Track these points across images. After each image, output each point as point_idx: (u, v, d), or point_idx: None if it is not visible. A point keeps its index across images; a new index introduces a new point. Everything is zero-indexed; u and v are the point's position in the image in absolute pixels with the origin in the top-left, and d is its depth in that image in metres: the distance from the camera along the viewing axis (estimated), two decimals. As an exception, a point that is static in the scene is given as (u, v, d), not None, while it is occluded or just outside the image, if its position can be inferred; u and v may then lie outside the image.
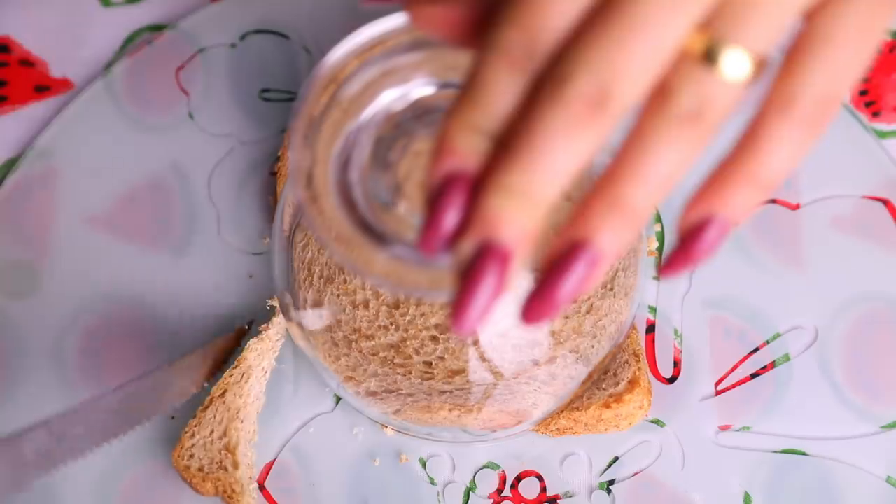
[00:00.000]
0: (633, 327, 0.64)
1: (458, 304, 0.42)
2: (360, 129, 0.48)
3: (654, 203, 0.41)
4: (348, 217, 0.48)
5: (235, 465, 0.63)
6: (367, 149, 0.48)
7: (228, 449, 0.63)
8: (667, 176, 0.41)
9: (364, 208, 0.48)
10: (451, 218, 0.42)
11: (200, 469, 0.63)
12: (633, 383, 0.63)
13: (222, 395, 0.63)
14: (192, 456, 0.63)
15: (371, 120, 0.48)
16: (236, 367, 0.63)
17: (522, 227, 0.41)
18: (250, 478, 0.63)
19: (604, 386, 0.62)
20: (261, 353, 0.63)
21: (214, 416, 0.63)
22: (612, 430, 0.63)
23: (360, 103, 0.48)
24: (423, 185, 0.43)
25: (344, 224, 0.48)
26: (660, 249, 0.67)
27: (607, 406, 0.62)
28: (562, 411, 0.62)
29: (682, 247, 0.44)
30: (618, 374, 0.63)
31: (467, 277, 0.42)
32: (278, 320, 0.64)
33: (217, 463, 0.63)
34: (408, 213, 0.48)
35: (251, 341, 0.63)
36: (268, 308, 0.64)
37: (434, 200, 0.42)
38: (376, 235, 0.48)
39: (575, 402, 0.62)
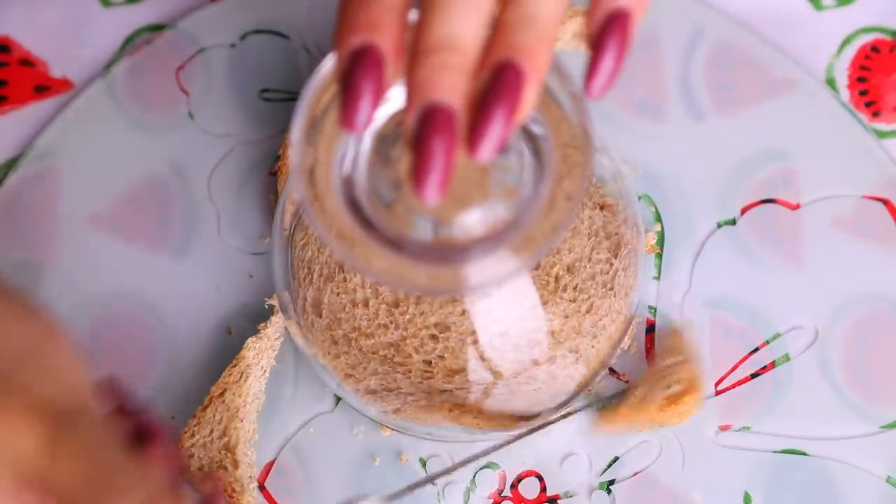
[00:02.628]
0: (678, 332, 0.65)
1: (419, 171, 0.43)
2: None
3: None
4: (351, 215, 0.48)
5: (235, 465, 0.63)
6: (370, 146, 0.48)
7: (228, 448, 0.63)
8: None
9: (366, 206, 0.48)
10: (369, 90, 0.43)
11: (200, 468, 0.63)
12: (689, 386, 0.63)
13: (221, 394, 0.63)
14: (191, 455, 0.63)
15: None
16: (235, 365, 0.63)
17: (458, 81, 0.43)
18: (250, 477, 0.63)
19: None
20: (259, 352, 0.63)
21: (214, 416, 0.63)
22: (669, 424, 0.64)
23: None
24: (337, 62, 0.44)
25: (346, 222, 0.48)
26: (660, 247, 0.67)
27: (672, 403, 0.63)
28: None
29: (600, 49, 0.45)
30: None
31: (420, 145, 0.43)
32: (277, 319, 0.64)
33: (217, 462, 0.63)
34: (410, 210, 0.48)
35: (249, 340, 0.63)
36: (267, 307, 0.64)
37: (350, 74, 0.43)
38: (378, 233, 0.48)
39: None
